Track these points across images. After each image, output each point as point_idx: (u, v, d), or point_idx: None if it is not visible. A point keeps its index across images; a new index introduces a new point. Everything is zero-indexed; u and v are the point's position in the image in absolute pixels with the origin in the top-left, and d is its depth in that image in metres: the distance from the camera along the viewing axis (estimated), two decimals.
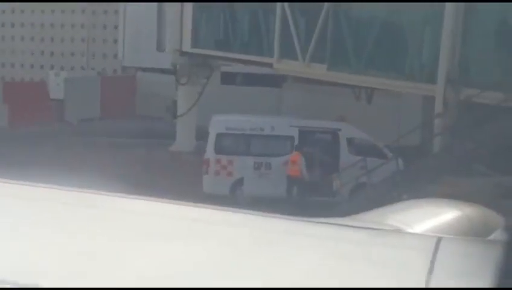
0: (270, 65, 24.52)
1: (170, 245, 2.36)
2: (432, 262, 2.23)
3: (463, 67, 17.86)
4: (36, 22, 42.02)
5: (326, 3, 21.33)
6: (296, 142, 22.04)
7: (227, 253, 2.34)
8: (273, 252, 2.39)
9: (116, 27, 40.41)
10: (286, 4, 23.18)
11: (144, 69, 38.52)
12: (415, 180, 17.48)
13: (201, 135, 24.53)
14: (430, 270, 2.17)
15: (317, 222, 2.70)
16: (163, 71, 33.79)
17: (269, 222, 2.72)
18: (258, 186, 21.61)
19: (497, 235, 3.01)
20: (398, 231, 2.73)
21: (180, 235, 2.48)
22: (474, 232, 3.02)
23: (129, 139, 30.12)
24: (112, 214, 2.67)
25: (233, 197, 21.80)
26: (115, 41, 40.62)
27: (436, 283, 2.10)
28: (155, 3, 35.06)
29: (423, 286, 2.06)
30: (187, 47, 29.32)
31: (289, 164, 21.58)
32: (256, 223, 2.68)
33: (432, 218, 3.16)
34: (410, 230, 2.78)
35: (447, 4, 17.85)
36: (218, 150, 22.52)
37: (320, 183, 21.48)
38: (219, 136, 22.57)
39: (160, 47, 34.23)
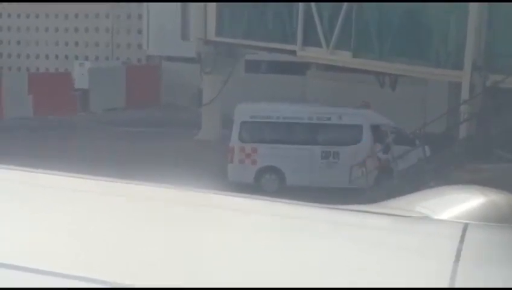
0: (294, 53, 24.47)
1: (193, 232, 2.37)
2: (459, 249, 2.22)
3: (489, 53, 17.72)
4: (60, 13, 42.21)
5: None
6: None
7: (249, 240, 2.34)
8: (296, 238, 2.38)
9: (140, 17, 40.50)
10: None
11: (169, 58, 38.59)
12: (441, 167, 17.42)
13: (227, 123, 24.58)
14: (457, 258, 2.15)
15: (343, 209, 2.69)
16: (188, 60, 33.84)
17: (292, 208, 2.72)
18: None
19: None
20: (425, 218, 2.72)
21: (203, 223, 2.48)
22: (501, 219, 3.00)
23: (154, 128, 30.24)
24: (137, 203, 2.68)
25: (258, 185, 21.84)
26: (139, 31, 40.69)
27: (463, 270, 2.09)
28: None
29: (449, 273, 2.05)
30: (211, 35, 29.34)
31: None
32: (279, 210, 2.68)
33: (459, 205, 3.14)
34: (436, 217, 2.77)
35: None
36: (243, 138, 22.56)
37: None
38: (243, 124, 22.61)
39: (184, 36, 34.29)
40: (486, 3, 17.52)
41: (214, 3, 29.08)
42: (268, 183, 22.08)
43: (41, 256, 2.06)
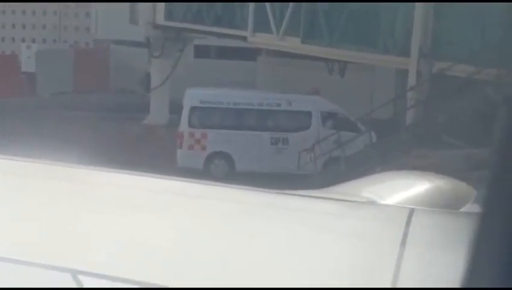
0: (244, 38, 24.44)
1: (143, 217, 2.36)
2: (405, 234, 2.25)
3: (436, 41, 17.93)
4: None
5: None
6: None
7: (199, 225, 2.34)
8: (243, 223, 2.39)
9: None
10: None
11: (117, 42, 38.18)
12: (387, 153, 17.60)
13: (175, 108, 24.46)
14: (403, 242, 2.18)
15: (290, 194, 2.71)
16: (136, 44, 33.54)
17: (239, 193, 2.73)
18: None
19: (469, 207, 3.04)
20: (371, 203, 2.75)
21: (153, 208, 2.48)
22: (446, 204, 3.05)
23: (102, 112, 29.93)
24: (85, 187, 2.66)
25: (207, 171, 21.82)
26: (87, 14, 40.20)
27: (409, 254, 2.12)
28: None
29: (396, 257, 2.08)
30: (160, 20, 29.16)
31: None
32: (226, 195, 2.69)
33: (405, 190, 3.18)
34: (383, 202, 2.80)
35: None
36: (192, 123, 22.48)
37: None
38: (193, 110, 22.52)
39: (133, 20, 33.92)
40: None
41: None
42: (218, 169, 22.07)
43: None
